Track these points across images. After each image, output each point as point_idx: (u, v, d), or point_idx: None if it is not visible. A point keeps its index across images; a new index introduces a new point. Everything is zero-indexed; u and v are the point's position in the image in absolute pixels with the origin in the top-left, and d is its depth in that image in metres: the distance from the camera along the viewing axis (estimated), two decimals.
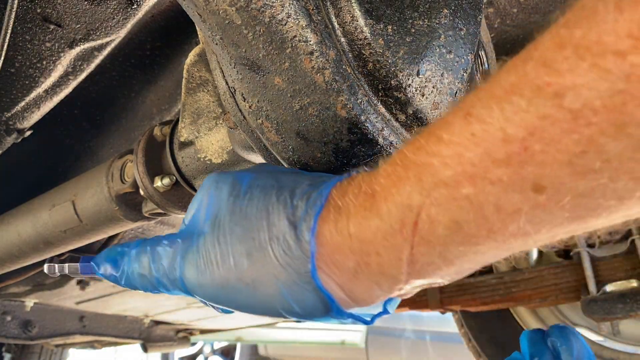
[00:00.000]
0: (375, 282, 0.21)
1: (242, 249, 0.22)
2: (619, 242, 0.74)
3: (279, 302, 0.22)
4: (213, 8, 0.26)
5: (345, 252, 0.21)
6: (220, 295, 0.23)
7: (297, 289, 0.22)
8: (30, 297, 1.00)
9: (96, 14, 0.42)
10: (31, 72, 0.47)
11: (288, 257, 0.22)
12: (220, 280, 0.23)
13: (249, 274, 0.22)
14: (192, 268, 0.24)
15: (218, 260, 0.23)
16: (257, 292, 0.22)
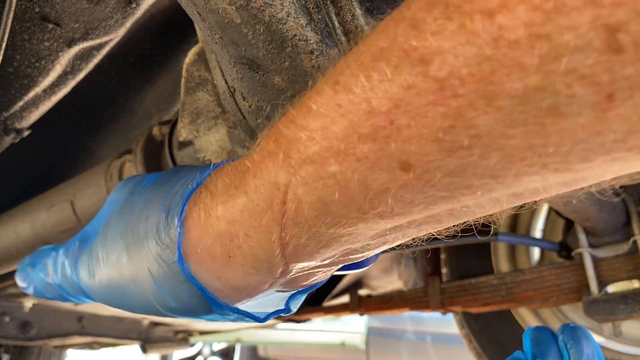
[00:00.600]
0: (251, 267, 0.19)
1: (122, 243, 0.21)
2: (621, 243, 0.74)
3: (155, 298, 0.21)
4: (212, 7, 0.26)
5: (213, 235, 0.19)
6: (109, 295, 0.23)
7: (170, 282, 0.20)
8: (29, 298, 1.00)
9: (95, 13, 0.41)
10: (30, 72, 0.46)
11: (159, 247, 0.20)
12: (106, 280, 0.22)
13: (128, 270, 0.21)
14: (84, 270, 0.23)
15: (104, 258, 0.22)
16: (137, 289, 0.21)
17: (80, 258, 0.24)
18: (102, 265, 0.22)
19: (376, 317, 2.57)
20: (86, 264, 0.23)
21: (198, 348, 3.01)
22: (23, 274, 0.27)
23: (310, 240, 0.18)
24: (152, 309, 0.22)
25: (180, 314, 0.21)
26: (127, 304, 0.23)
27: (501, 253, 0.93)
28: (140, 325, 1.35)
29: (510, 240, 0.84)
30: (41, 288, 0.26)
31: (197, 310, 0.21)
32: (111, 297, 0.23)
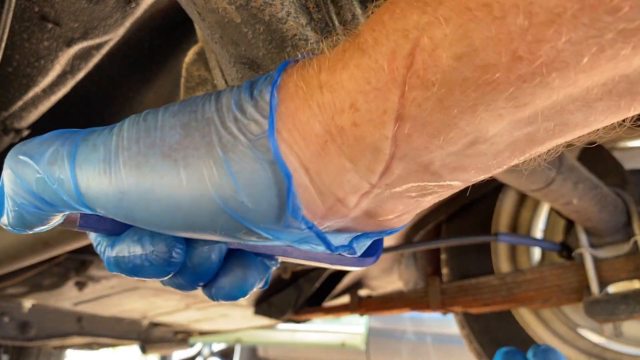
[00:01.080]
0: (350, 158, 0.16)
1: (175, 121, 0.17)
2: (622, 243, 0.74)
3: (217, 185, 0.16)
4: (212, 6, 0.26)
5: (313, 108, 0.15)
6: (131, 184, 0.17)
7: (246, 163, 0.16)
8: (28, 298, 0.99)
9: (94, 12, 0.41)
10: (29, 71, 0.46)
11: (239, 123, 0.16)
12: (137, 160, 0.17)
13: (181, 147, 0.16)
14: (90, 164, 0.17)
15: (140, 136, 0.17)
16: (188, 172, 0.16)
17: (87, 139, 0.18)
18: (134, 143, 0.17)
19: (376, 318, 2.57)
20: (100, 145, 0.17)
21: (198, 348, 3.01)
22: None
23: (435, 114, 0.14)
24: (200, 203, 0.16)
25: (244, 217, 0.16)
26: (156, 196, 0.17)
27: (502, 253, 0.93)
28: (139, 325, 1.35)
29: (510, 240, 0.84)
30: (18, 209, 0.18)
31: (267, 215, 0.16)
32: (131, 187, 0.17)
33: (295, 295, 1.14)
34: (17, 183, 0.18)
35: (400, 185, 0.17)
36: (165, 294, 1.07)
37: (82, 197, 0.18)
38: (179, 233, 0.18)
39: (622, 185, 0.76)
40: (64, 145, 0.18)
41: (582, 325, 0.86)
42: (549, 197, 0.62)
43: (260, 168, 0.16)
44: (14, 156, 0.18)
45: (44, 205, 0.18)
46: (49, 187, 0.18)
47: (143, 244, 0.19)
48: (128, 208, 0.17)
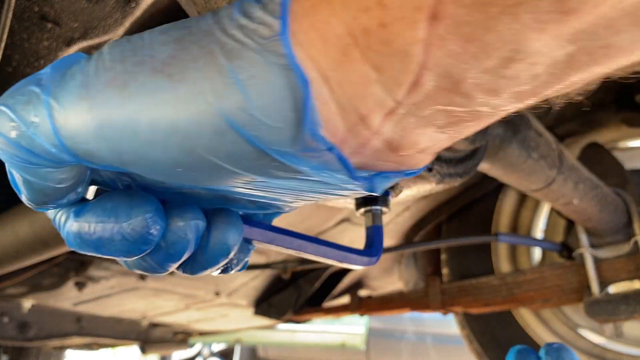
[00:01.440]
0: (375, 65, 0.13)
1: (166, 37, 0.15)
2: (622, 243, 0.73)
3: (221, 96, 0.13)
4: (212, 7, 0.26)
5: (334, 6, 0.13)
6: (116, 107, 0.14)
7: (256, 69, 0.13)
8: (28, 299, 0.99)
9: (94, 12, 0.41)
10: (29, 71, 0.46)
11: (245, 29, 0.14)
12: (122, 79, 0.14)
13: (175, 60, 0.14)
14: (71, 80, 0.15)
15: (126, 55, 0.14)
16: (185, 86, 0.14)
17: (66, 76, 0.15)
18: (119, 63, 0.14)
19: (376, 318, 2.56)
20: (78, 75, 0.15)
21: (197, 349, 3.01)
22: None
23: (474, 12, 0.12)
24: (201, 123, 0.14)
25: (254, 134, 0.14)
26: (156, 128, 0.14)
27: (502, 253, 0.93)
28: (139, 325, 1.35)
29: (511, 240, 0.83)
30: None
31: (281, 132, 0.14)
32: (116, 108, 0.14)
33: (295, 295, 1.14)
34: (4, 141, 0.15)
35: (427, 107, 0.14)
36: (165, 294, 1.07)
37: (60, 137, 0.15)
38: (172, 170, 0.15)
39: (623, 185, 0.76)
40: (38, 85, 0.15)
41: (583, 325, 0.86)
42: (550, 197, 0.62)
43: (273, 74, 0.13)
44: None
45: (31, 156, 0.15)
46: (25, 133, 0.15)
47: (118, 214, 0.16)
48: (112, 138, 0.14)
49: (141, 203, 0.17)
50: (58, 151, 0.15)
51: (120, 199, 0.17)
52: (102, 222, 0.17)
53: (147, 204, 0.17)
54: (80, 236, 0.17)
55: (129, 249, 0.17)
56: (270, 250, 0.98)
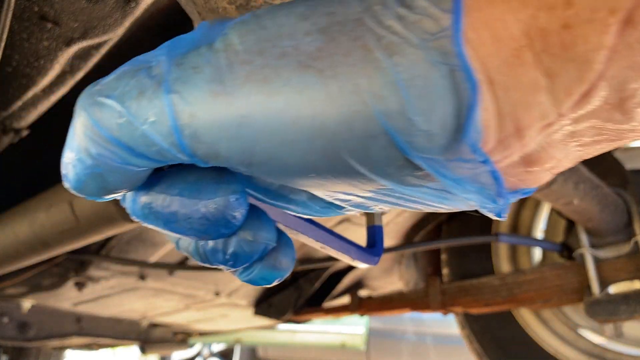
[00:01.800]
0: (546, 73, 0.12)
1: (308, 26, 0.13)
2: (623, 243, 0.73)
3: (378, 97, 0.12)
4: (212, 6, 0.26)
5: (511, 3, 0.12)
6: (257, 104, 0.13)
7: (418, 68, 0.12)
8: (28, 299, 0.99)
9: (94, 12, 0.41)
10: (28, 71, 0.46)
11: (405, 20, 0.12)
12: (263, 74, 0.13)
13: (324, 54, 0.12)
14: (196, 74, 0.13)
15: (264, 47, 0.13)
16: (338, 83, 0.12)
17: (176, 75, 0.13)
18: (257, 55, 0.13)
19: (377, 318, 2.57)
20: (200, 76, 0.13)
21: (197, 349, 3.01)
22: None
23: None
24: (353, 133, 0.12)
25: (407, 140, 0.12)
26: (301, 128, 0.13)
27: (502, 253, 0.93)
28: (139, 326, 1.35)
29: (511, 240, 0.83)
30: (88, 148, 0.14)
31: (437, 139, 0.12)
32: (265, 122, 0.13)
33: (295, 295, 1.14)
34: (95, 132, 0.14)
35: (584, 121, 0.13)
36: (165, 295, 1.07)
37: (181, 134, 0.13)
38: (304, 174, 0.13)
39: (623, 185, 0.76)
40: (150, 75, 0.13)
41: (583, 325, 0.86)
42: (550, 197, 0.62)
43: (437, 75, 0.12)
44: (87, 98, 0.14)
45: (131, 155, 0.14)
46: (136, 130, 0.13)
47: (201, 189, 0.15)
48: (249, 137, 0.13)
49: (229, 180, 0.15)
50: (175, 151, 0.13)
51: (204, 173, 0.15)
52: (181, 196, 0.15)
53: (235, 182, 0.15)
54: (150, 207, 0.15)
55: (206, 229, 0.15)
56: None
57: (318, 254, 1.01)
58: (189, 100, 0.13)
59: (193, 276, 1.00)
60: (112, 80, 0.14)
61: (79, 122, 0.14)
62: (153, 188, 0.15)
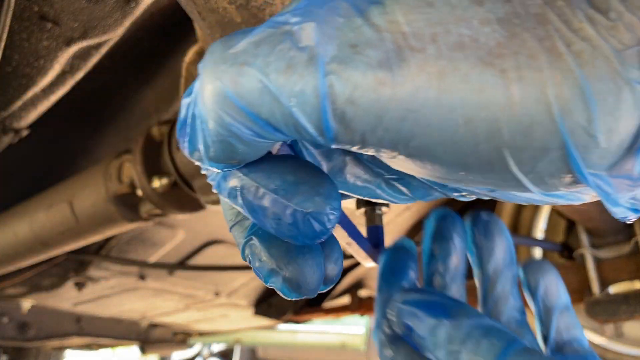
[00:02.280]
0: None
1: (486, 13, 0.12)
2: (623, 243, 0.73)
3: (565, 109, 0.11)
4: (212, 6, 0.26)
5: None
6: (429, 99, 0.12)
7: (608, 83, 0.11)
8: (27, 299, 0.99)
9: (94, 12, 0.41)
10: (28, 71, 0.46)
11: (598, 25, 0.11)
12: (438, 66, 0.11)
13: (507, 51, 0.11)
14: (357, 55, 0.12)
15: (436, 31, 0.11)
16: (522, 88, 0.11)
17: (334, 52, 0.12)
18: (424, 51, 0.11)
19: None
20: (363, 58, 0.12)
21: (197, 349, 3.01)
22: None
23: None
24: (530, 142, 0.12)
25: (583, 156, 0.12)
26: (473, 129, 0.12)
27: None
28: (139, 326, 1.35)
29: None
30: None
31: (609, 157, 0.12)
32: (432, 118, 0.12)
33: None
34: (229, 103, 0.12)
35: None
36: (164, 295, 1.07)
37: (330, 117, 0.12)
38: (451, 171, 0.13)
39: None
40: (298, 47, 0.12)
41: (583, 325, 0.86)
42: None
43: (629, 93, 0.11)
44: (221, 63, 0.12)
45: (267, 129, 0.13)
46: (279, 106, 0.12)
47: (297, 195, 0.14)
48: (409, 131, 0.12)
49: (329, 193, 0.14)
50: (315, 132, 0.12)
51: (305, 177, 0.14)
52: (276, 194, 0.14)
53: (334, 199, 0.14)
54: (241, 192, 0.14)
55: (292, 234, 0.14)
56: None
57: None
58: (348, 84, 0.12)
59: (193, 276, 1.00)
60: (250, 46, 0.12)
61: (210, 89, 0.13)
62: (248, 174, 0.15)
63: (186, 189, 0.47)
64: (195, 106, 0.13)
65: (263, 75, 0.12)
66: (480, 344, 0.16)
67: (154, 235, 0.85)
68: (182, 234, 0.86)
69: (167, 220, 0.77)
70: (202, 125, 0.13)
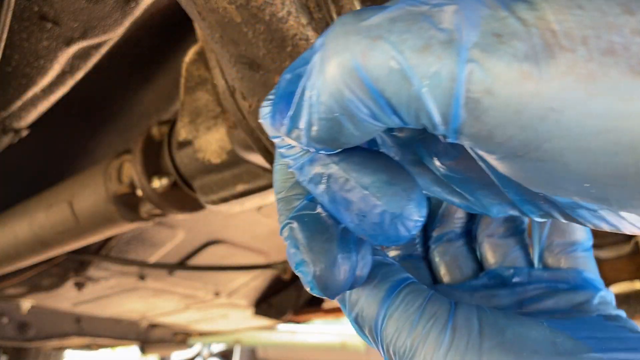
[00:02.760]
0: None
1: (635, 22, 0.11)
2: (623, 244, 0.73)
3: None
4: (213, 6, 0.26)
5: None
6: (574, 102, 0.11)
7: None
8: (27, 299, 0.99)
9: (94, 12, 0.41)
10: (28, 71, 0.46)
11: None
12: (588, 69, 0.11)
13: None
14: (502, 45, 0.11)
15: (587, 35, 0.11)
16: None
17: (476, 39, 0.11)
18: (575, 50, 0.11)
19: None
20: (508, 49, 0.11)
21: (197, 349, 3.01)
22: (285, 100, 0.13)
23: None
24: None
25: None
26: (615, 140, 0.11)
27: None
28: (138, 326, 1.35)
29: None
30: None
31: None
32: (572, 123, 0.11)
33: (295, 295, 1.14)
34: (354, 76, 0.12)
35: None
36: (164, 295, 1.07)
37: (461, 106, 0.11)
38: (575, 183, 0.12)
39: None
40: (437, 27, 0.11)
41: None
42: None
43: None
44: (353, 33, 0.12)
45: (384, 110, 0.12)
46: (409, 86, 0.11)
47: (388, 195, 0.13)
48: (546, 132, 0.11)
49: (420, 200, 0.14)
50: (439, 120, 0.12)
51: (398, 178, 0.14)
52: (366, 191, 0.13)
53: (423, 206, 0.14)
54: (326, 181, 0.14)
55: (373, 233, 0.14)
56: (270, 251, 0.98)
57: None
58: (490, 73, 0.11)
59: (193, 276, 1.00)
60: (385, 21, 0.12)
61: (337, 60, 0.12)
62: (339, 162, 0.14)
63: (186, 189, 0.47)
64: (308, 78, 0.13)
65: (397, 51, 0.11)
66: None
67: (154, 235, 0.85)
68: (182, 234, 0.86)
69: (167, 220, 0.77)
70: (312, 100, 0.12)
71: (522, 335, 0.14)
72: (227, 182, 0.41)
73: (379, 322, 0.15)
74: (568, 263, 0.20)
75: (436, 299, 0.15)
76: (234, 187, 0.40)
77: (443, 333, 0.14)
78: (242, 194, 0.40)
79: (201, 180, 0.43)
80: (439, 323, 0.14)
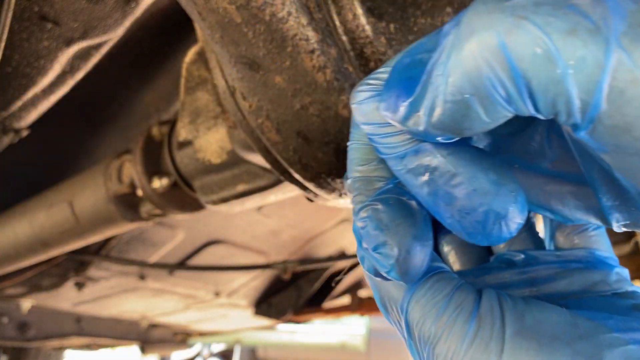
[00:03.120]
0: None
1: None
2: (623, 243, 0.73)
3: None
4: (213, 6, 0.26)
5: None
6: None
7: None
8: (27, 299, 0.99)
9: (94, 12, 0.41)
10: (28, 71, 0.46)
11: None
12: None
13: None
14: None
15: None
16: None
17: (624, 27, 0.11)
18: None
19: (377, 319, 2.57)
20: None
21: (197, 349, 3.01)
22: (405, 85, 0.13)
23: None
24: None
25: None
26: None
27: None
28: (139, 326, 1.35)
29: None
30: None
31: None
32: None
33: (295, 295, 1.14)
34: (499, 55, 0.11)
35: None
36: (164, 295, 1.07)
37: (603, 95, 0.11)
38: None
39: None
40: (584, 14, 0.11)
41: None
42: None
43: None
44: (497, 11, 0.11)
45: (522, 93, 0.11)
46: (554, 68, 0.11)
47: (497, 193, 0.13)
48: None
49: (524, 203, 0.14)
50: (580, 108, 0.11)
51: (505, 179, 0.14)
52: (473, 189, 0.13)
53: (526, 209, 0.14)
54: (433, 173, 0.14)
55: (474, 230, 0.14)
56: (270, 251, 0.98)
57: (318, 254, 1.01)
58: (638, 63, 0.11)
59: (193, 276, 1.00)
60: (530, 2, 0.11)
61: (479, 37, 0.11)
62: (448, 156, 0.14)
63: (186, 189, 0.47)
64: (437, 60, 0.12)
65: (543, 32, 0.11)
66: None
67: (154, 235, 0.85)
68: (182, 234, 0.86)
69: (167, 220, 0.77)
70: (439, 81, 0.12)
71: (542, 320, 0.14)
72: (227, 182, 0.41)
73: (404, 306, 0.15)
74: (580, 242, 0.19)
75: (464, 289, 0.15)
76: (234, 187, 0.40)
77: (468, 323, 0.14)
78: (242, 194, 0.40)
79: (201, 180, 0.43)
80: (464, 313, 0.14)
